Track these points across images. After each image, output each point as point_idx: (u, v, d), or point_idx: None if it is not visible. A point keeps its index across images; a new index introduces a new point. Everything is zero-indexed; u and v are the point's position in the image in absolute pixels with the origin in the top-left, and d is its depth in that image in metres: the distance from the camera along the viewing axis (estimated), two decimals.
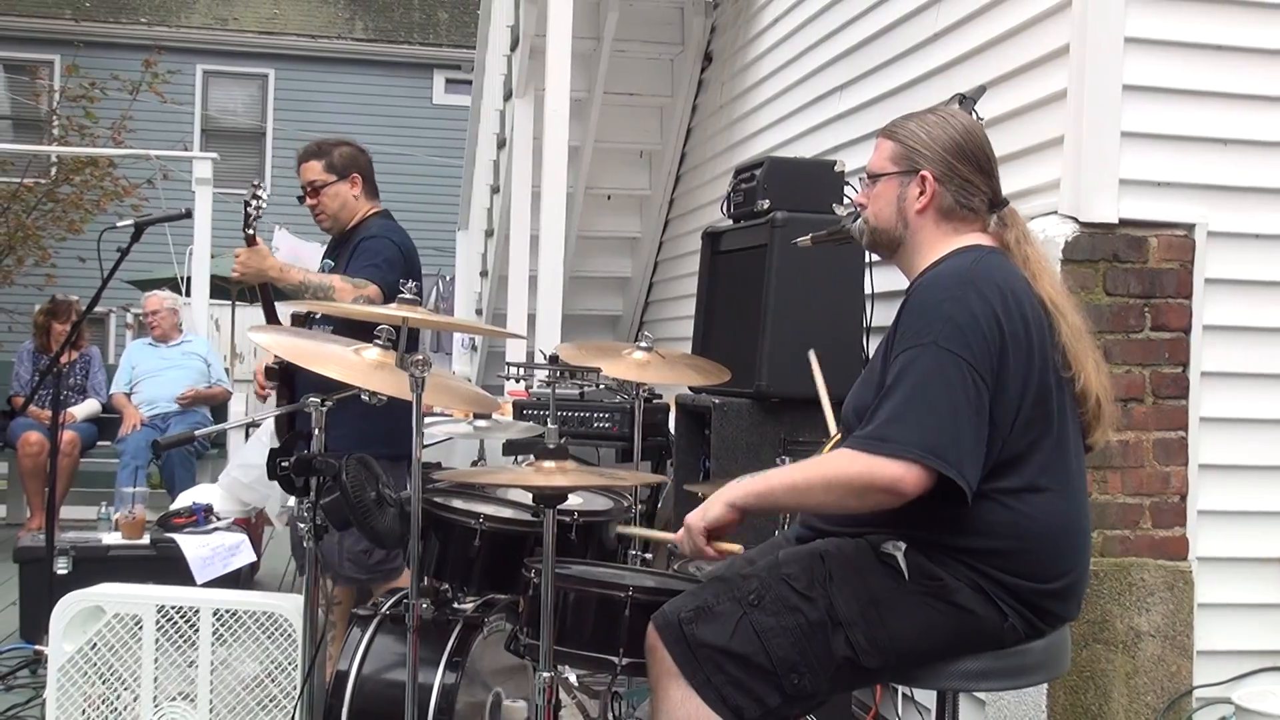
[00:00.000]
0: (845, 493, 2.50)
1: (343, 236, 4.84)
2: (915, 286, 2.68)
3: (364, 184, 4.83)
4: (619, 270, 9.17)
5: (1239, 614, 4.12)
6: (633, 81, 8.28)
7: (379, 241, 4.66)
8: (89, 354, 9.03)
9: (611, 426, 5.47)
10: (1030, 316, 2.60)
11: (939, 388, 2.47)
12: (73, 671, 3.96)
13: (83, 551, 5.73)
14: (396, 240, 4.71)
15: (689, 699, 2.56)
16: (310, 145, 4.90)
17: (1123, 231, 4.01)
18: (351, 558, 4.57)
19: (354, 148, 4.88)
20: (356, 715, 3.40)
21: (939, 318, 2.52)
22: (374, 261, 4.57)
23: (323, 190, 4.78)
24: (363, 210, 4.84)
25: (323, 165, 4.79)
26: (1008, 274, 2.65)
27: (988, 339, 2.51)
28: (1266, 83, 4.12)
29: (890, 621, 2.56)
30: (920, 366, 2.49)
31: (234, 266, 4.50)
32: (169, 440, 4.06)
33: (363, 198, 4.83)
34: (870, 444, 2.46)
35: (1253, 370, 4.14)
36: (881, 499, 2.47)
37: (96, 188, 15.95)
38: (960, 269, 2.63)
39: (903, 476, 2.42)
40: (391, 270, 4.55)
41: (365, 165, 4.86)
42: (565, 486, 2.91)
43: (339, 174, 4.78)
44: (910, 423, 2.44)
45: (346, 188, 4.79)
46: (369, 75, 20.55)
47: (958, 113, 2.85)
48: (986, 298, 2.55)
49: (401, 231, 4.80)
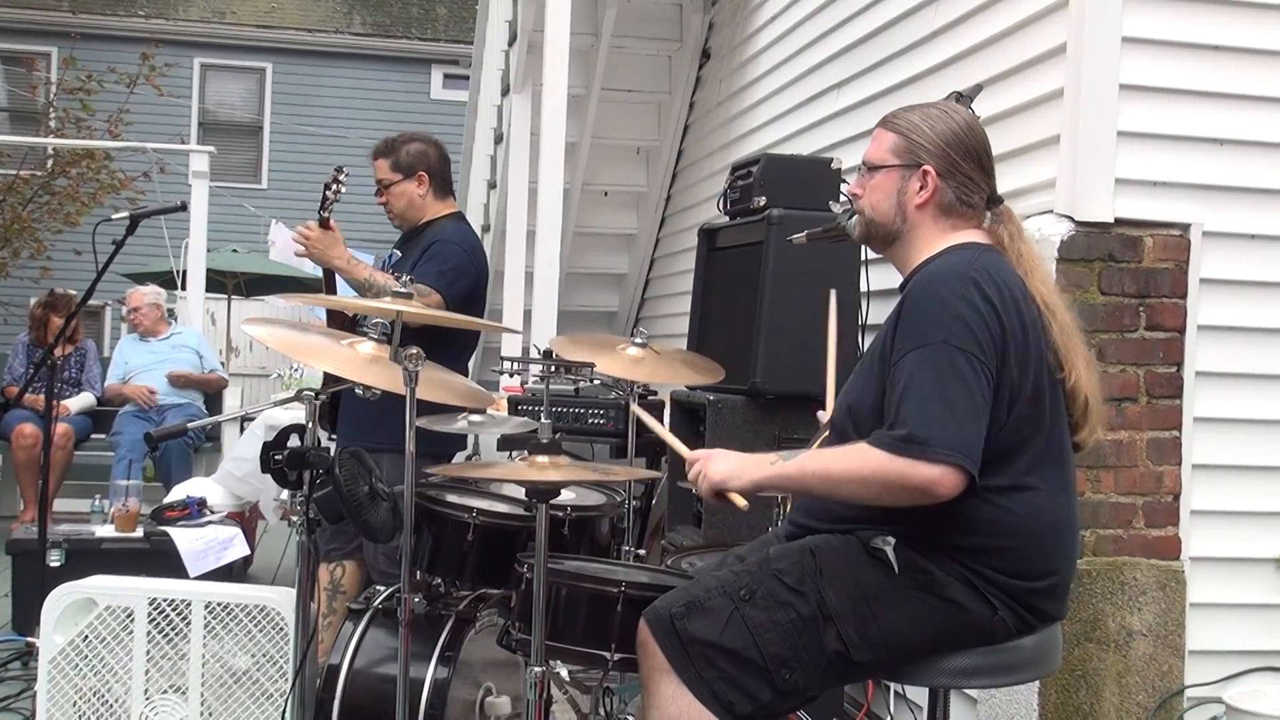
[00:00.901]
0: (881, 489, 2.50)
1: (413, 231, 4.80)
2: (914, 283, 2.67)
3: (432, 182, 4.75)
4: (615, 266, 9.17)
5: (1231, 614, 4.13)
6: (630, 78, 8.29)
7: (449, 247, 4.59)
8: (84, 347, 9.01)
9: (606, 423, 5.47)
10: (1027, 315, 2.60)
11: (959, 388, 2.47)
12: (64, 664, 3.96)
13: (76, 544, 5.72)
14: (467, 248, 4.65)
15: (680, 694, 2.56)
16: (382, 142, 4.84)
17: (1118, 231, 4.01)
18: (386, 553, 4.55)
19: (425, 144, 4.79)
20: (348, 709, 3.40)
21: (946, 315, 2.52)
22: (441, 269, 4.50)
23: (389, 189, 4.73)
24: (433, 209, 4.77)
25: (389, 164, 4.73)
26: (1005, 272, 2.65)
27: (991, 334, 2.52)
28: (1263, 83, 4.13)
29: (881, 615, 2.56)
30: (936, 366, 2.49)
31: (298, 238, 4.47)
32: (162, 432, 4.06)
33: (431, 196, 4.76)
34: (905, 446, 2.45)
35: (1247, 371, 4.14)
36: (916, 498, 2.47)
37: (93, 180, 15.94)
38: (959, 265, 2.63)
39: (940, 479, 2.43)
40: (458, 280, 4.52)
41: (435, 163, 4.77)
42: (558, 481, 2.91)
43: (405, 173, 4.71)
44: (940, 424, 2.44)
45: (413, 186, 4.72)
46: (366, 70, 20.55)
47: (960, 108, 2.85)
48: (987, 294, 2.55)
49: (474, 237, 4.76)
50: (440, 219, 4.78)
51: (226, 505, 6.55)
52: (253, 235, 14.89)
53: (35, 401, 8.20)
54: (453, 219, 4.81)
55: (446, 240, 4.62)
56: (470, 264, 4.62)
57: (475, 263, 4.66)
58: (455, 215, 4.85)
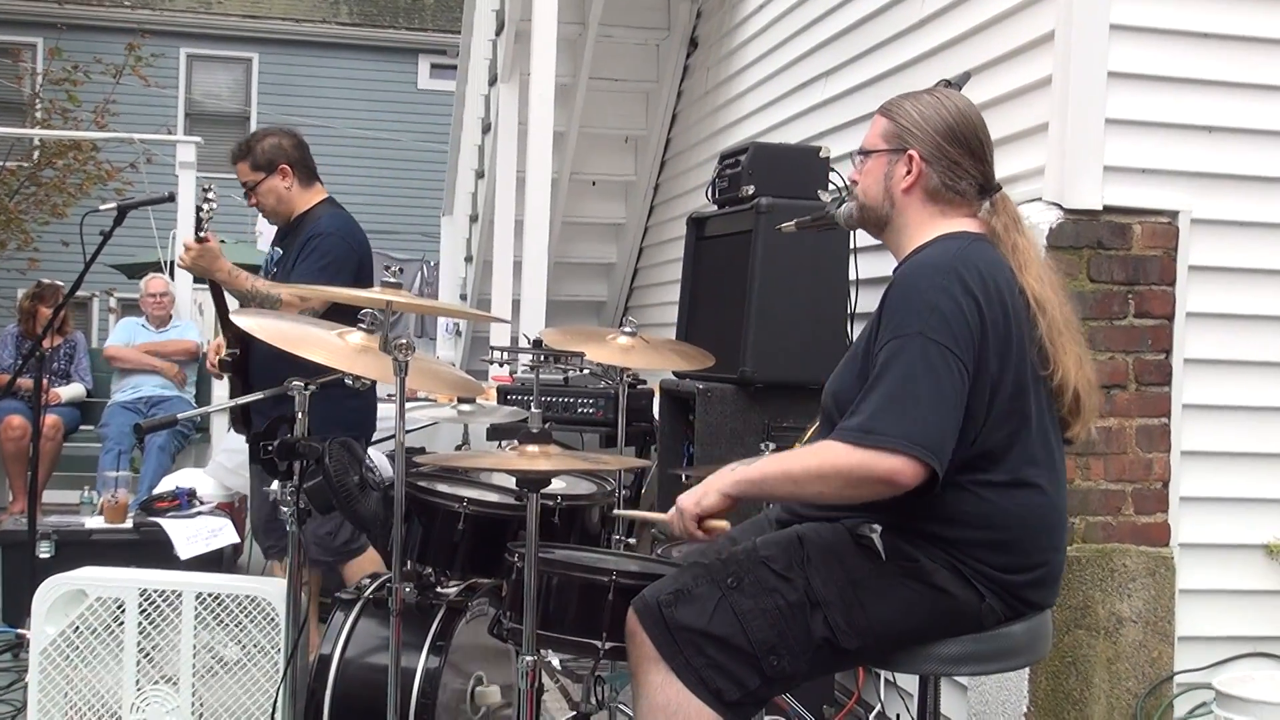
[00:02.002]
0: (843, 484, 2.49)
1: (289, 226, 4.80)
2: (899, 274, 2.67)
3: (295, 172, 4.75)
4: (604, 256, 9.16)
5: (1220, 600, 4.14)
6: (618, 67, 8.27)
7: (328, 240, 4.59)
8: (74, 339, 9.00)
9: (595, 412, 5.47)
10: (1011, 308, 2.59)
11: (928, 380, 2.46)
12: (55, 655, 3.96)
13: (65, 535, 5.72)
14: (345, 235, 4.65)
15: (669, 683, 2.56)
16: (235, 145, 4.83)
17: (1107, 218, 4.02)
18: (316, 540, 4.58)
19: (278, 136, 4.79)
20: (339, 699, 3.41)
21: (924, 306, 2.51)
22: (322, 264, 4.52)
23: (255, 189, 4.73)
24: (303, 200, 4.78)
25: (249, 165, 4.73)
26: (992, 263, 2.63)
27: (970, 327, 2.50)
28: (1251, 70, 4.13)
29: (868, 602, 2.57)
30: (907, 357, 2.48)
31: (180, 257, 4.47)
32: (152, 424, 4.05)
33: (297, 186, 4.76)
34: (863, 437, 2.44)
35: (1236, 357, 4.15)
36: (880, 490, 2.46)
37: (79, 171, 15.88)
38: (944, 256, 2.62)
39: (901, 469, 2.42)
40: (340, 271, 4.52)
41: (293, 152, 4.76)
42: (548, 471, 2.91)
43: (266, 169, 4.71)
44: (902, 415, 2.43)
45: (277, 181, 4.72)
46: (353, 60, 20.49)
47: (955, 95, 2.83)
48: (969, 287, 2.53)
49: (350, 223, 4.73)
50: (313, 209, 4.78)
51: (216, 496, 6.55)
52: (240, 226, 14.85)
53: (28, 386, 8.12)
54: (325, 205, 4.80)
55: (322, 234, 4.62)
56: (349, 250, 4.63)
57: (353, 245, 4.67)
58: (326, 201, 4.83)
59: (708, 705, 2.55)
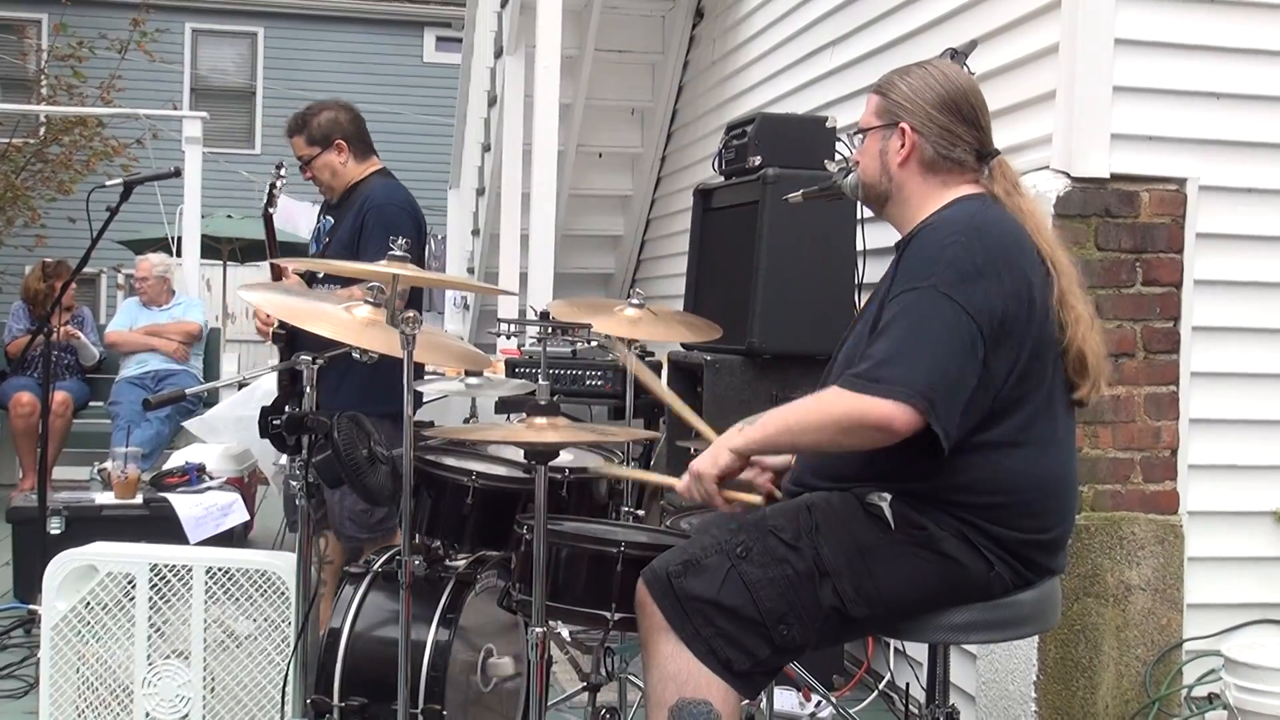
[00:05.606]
0: (837, 430, 2.50)
1: (341, 197, 4.79)
2: (919, 230, 2.67)
3: (351, 146, 4.75)
4: (611, 228, 9.15)
5: (1229, 567, 4.15)
6: (624, 38, 8.25)
7: (387, 211, 4.58)
8: (80, 314, 8.99)
9: (604, 384, 5.47)
10: (1030, 269, 2.59)
11: (936, 331, 2.46)
12: (66, 630, 3.97)
13: (75, 511, 5.72)
14: (401, 205, 4.65)
15: (679, 653, 2.57)
16: (292, 119, 4.83)
17: (1114, 186, 4.01)
18: (352, 517, 4.57)
19: (334, 110, 4.79)
20: (350, 672, 3.41)
21: (941, 261, 2.52)
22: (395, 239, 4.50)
23: (311, 164, 4.74)
24: (356, 172, 4.77)
25: (304, 139, 4.73)
26: (1010, 225, 2.65)
27: (989, 288, 2.50)
28: (1259, 36, 4.11)
29: (877, 571, 2.57)
30: (918, 308, 2.49)
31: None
32: (160, 398, 4.06)
33: (353, 161, 4.76)
34: (862, 383, 2.46)
35: (1244, 325, 4.15)
36: (874, 436, 2.47)
37: (86, 148, 15.87)
38: (964, 216, 2.63)
39: (895, 415, 2.42)
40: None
41: (349, 127, 4.76)
42: (557, 443, 2.91)
43: (322, 144, 4.72)
44: (904, 363, 2.44)
45: (333, 156, 4.72)
46: (359, 33, 20.45)
47: (945, 65, 2.84)
48: (989, 247, 2.54)
49: (401, 190, 4.73)
50: (366, 179, 4.77)
51: (226, 471, 6.56)
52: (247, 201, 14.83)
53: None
54: (378, 176, 4.80)
55: (379, 205, 4.61)
56: (410, 219, 4.62)
57: (411, 213, 4.67)
58: (380, 172, 4.83)
59: (718, 675, 2.56)
